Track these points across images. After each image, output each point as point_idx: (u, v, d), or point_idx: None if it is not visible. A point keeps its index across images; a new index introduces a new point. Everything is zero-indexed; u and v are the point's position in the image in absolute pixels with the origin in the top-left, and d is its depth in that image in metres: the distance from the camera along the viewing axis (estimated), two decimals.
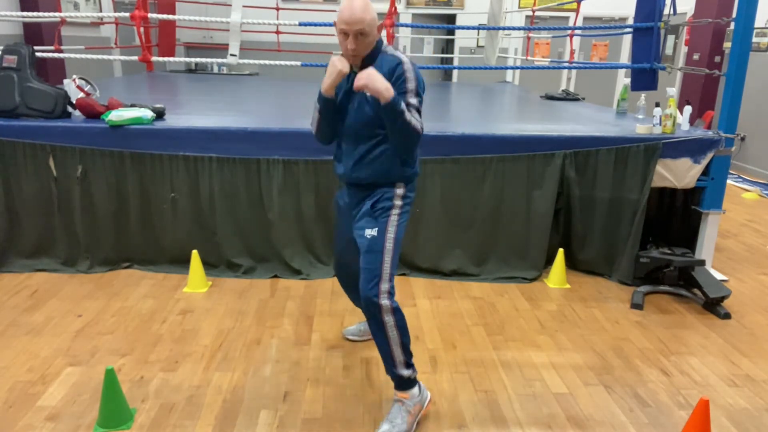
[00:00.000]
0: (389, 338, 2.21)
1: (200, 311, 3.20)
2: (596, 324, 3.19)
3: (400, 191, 2.32)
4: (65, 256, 3.64)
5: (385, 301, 2.17)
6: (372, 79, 2.04)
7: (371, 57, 2.21)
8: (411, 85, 2.16)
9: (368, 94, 2.14)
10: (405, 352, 2.24)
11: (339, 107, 2.27)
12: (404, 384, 2.28)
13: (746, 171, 7.50)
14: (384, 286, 2.18)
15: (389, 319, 2.19)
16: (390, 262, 2.22)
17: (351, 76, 2.23)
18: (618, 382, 2.64)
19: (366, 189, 2.33)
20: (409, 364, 2.27)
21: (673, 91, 3.88)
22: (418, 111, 2.18)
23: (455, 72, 9.91)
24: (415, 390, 2.30)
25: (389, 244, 2.24)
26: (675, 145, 3.65)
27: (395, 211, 2.29)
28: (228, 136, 3.54)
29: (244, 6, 4.94)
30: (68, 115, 3.66)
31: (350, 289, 2.71)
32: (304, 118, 4.11)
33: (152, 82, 6.46)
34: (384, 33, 4.74)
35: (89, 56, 4.80)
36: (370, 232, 2.25)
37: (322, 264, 3.73)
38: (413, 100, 2.16)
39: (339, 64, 2.13)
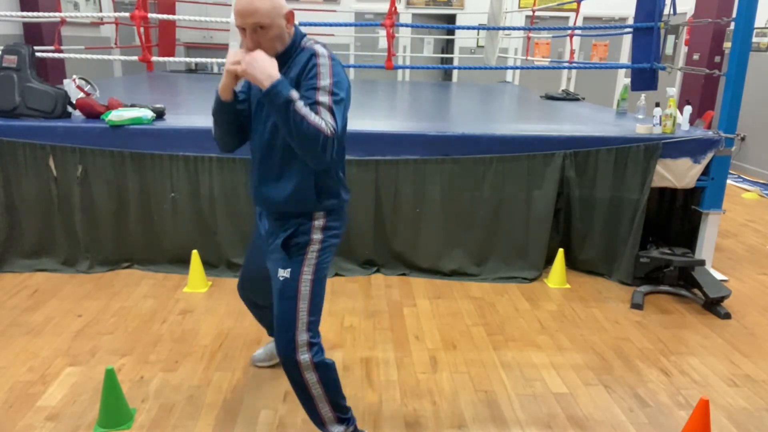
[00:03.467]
0: (313, 397, 1.90)
1: (200, 311, 3.19)
2: (596, 324, 3.19)
3: (318, 222, 1.94)
4: (65, 256, 3.64)
5: (303, 357, 1.85)
6: (251, 63, 1.67)
7: (286, 54, 1.84)
8: (324, 81, 1.75)
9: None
10: (334, 408, 1.94)
11: (254, 111, 1.92)
12: None
13: (746, 171, 7.50)
14: (301, 338, 1.85)
15: (311, 377, 1.87)
16: (307, 309, 1.88)
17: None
18: (618, 382, 2.64)
19: (279, 216, 1.96)
20: (342, 419, 1.97)
21: (673, 91, 3.87)
22: (332, 112, 1.74)
23: (455, 72, 9.91)
24: None
25: (305, 288, 1.88)
26: (675, 145, 3.65)
27: (314, 247, 1.92)
28: None
29: None
30: (68, 115, 3.66)
31: (255, 307, 2.47)
32: None
33: (152, 82, 6.45)
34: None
35: (89, 56, 4.79)
36: (283, 274, 1.90)
37: None
38: (324, 98, 1.74)
39: (230, 60, 1.74)
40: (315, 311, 1.90)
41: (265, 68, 1.67)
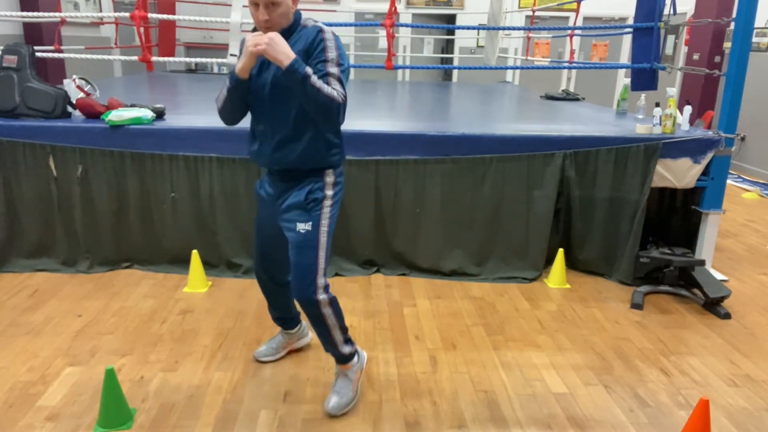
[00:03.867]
0: (329, 326, 2.26)
1: (200, 311, 3.19)
2: (596, 324, 3.19)
3: (329, 179, 2.22)
4: (65, 256, 3.64)
5: (322, 296, 2.18)
6: (271, 45, 1.93)
7: (290, 30, 2.11)
8: (331, 54, 2.05)
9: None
10: (343, 332, 2.31)
11: (253, 84, 2.15)
12: (345, 358, 2.38)
13: (746, 171, 7.50)
14: (320, 282, 2.17)
15: (327, 311, 2.21)
16: (324, 256, 2.19)
17: None
18: (618, 382, 2.64)
19: (290, 177, 2.20)
20: (347, 340, 2.35)
21: (673, 91, 3.87)
22: (340, 81, 2.04)
23: (455, 72, 9.91)
24: (354, 359, 2.41)
25: (323, 238, 2.18)
26: (675, 145, 3.65)
27: (328, 202, 2.20)
28: (228, 136, 3.54)
29: (244, 6, 4.93)
30: (68, 115, 3.66)
31: (272, 288, 2.53)
32: None
33: (152, 82, 6.46)
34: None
35: (89, 56, 4.79)
36: (304, 227, 2.16)
37: None
38: (333, 69, 2.04)
39: (252, 41, 1.98)
40: (328, 258, 2.22)
41: (283, 48, 1.95)
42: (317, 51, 2.05)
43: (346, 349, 2.35)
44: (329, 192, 2.21)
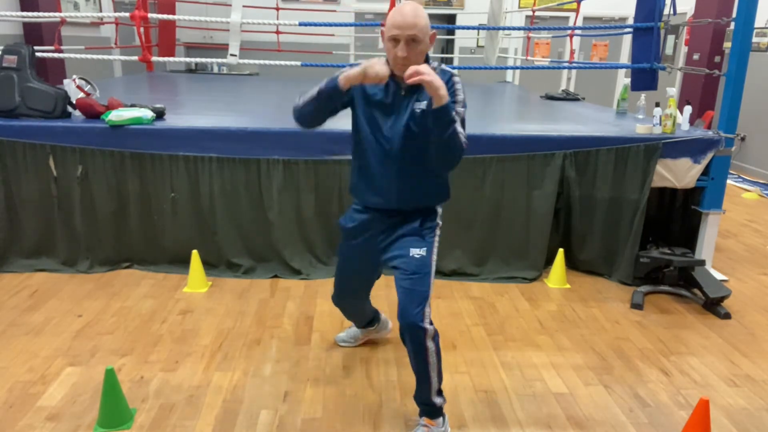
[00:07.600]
0: (429, 364, 2.12)
1: (200, 311, 3.20)
2: (596, 324, 3.19)
3: (440, 210, 2.30)
4: (65, 256, 3.64)
5: (429, 326, 2.09)
6: (435, 77, 1.87)
7: None
8: (461, 96, 2.07)
9: (416, 109, 2.08)
10: (439, 379, 2.18)
11: (377, 132, 2.16)
12: (434, 413, 2.20)
13: (746, 171, 7.50)
14: (428, 311, 2.11)
15: (431, 345, 2.10)
16: (432, 284, 2.16)
17: (391, 89, 2.12)
18: (618, 382, 2.64)
19: (404, 215, 2.23)
20: (440, 392, 2.20)
21: (673, 91, 3.88)
22: (462, 123, 2.05)
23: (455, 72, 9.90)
24: (441, 420, 2.22)
25: (433, 265, 2.18)
26: (675, 145, 3.65)
27: (438, 231, 2.26)
28: (228, 136, 3.54)
29: (244, 6, 4.93)
30: (68, 115, 3.66)
31: (349, 307, 2.65)
32: None
33: (152, 82, 6.46)
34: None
35: (89, 56, 4.79)
36: (419, 252, 2.16)
37: (322, 264, 3.73)
38: (460, 110, 2.05)
39: (378, 68, 1.94)
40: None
41: (443, 85, 1.90)
42: (450, 92, 2.00)
43: (437, 400, 2.19)
44: (439, 221, 2.27)
